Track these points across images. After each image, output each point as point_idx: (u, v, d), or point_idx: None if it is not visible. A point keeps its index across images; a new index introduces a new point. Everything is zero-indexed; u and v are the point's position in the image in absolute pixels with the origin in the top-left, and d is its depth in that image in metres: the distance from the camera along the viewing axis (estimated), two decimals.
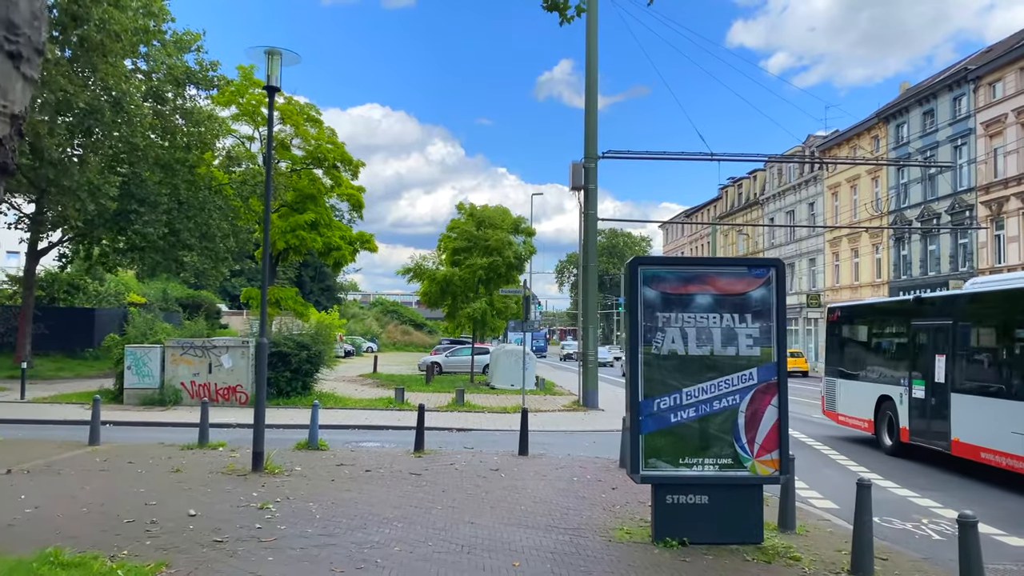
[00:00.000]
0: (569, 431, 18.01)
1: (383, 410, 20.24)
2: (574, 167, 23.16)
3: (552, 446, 15.17)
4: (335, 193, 41.76)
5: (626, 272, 7.36)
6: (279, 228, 37.34)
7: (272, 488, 9.83)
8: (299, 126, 38.24)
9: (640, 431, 7.22)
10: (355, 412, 19.71)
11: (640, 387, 7.22)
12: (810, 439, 17.06)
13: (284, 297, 38.63)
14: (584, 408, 22.50)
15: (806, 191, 53.59)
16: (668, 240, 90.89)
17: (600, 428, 18.59)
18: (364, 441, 15.49)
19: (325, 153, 39.22)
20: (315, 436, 13.50)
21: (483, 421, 18.95)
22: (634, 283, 7.26)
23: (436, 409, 20.77)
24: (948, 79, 39.04)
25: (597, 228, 23.42)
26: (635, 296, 7.27)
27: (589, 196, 23.22)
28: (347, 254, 39.40)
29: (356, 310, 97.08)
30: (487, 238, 30.19)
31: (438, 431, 17.20)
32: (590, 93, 23.21)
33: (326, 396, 21.52)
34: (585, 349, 23.23)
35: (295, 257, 41.42)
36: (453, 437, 16.52)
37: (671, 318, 7.28)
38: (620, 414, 22.02)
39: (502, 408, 21.33)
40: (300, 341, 20.85)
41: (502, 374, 28.88)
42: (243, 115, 38.65)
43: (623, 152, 23.49)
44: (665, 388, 7.25)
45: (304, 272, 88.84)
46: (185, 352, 20.35)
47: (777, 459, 7.28)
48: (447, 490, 9.99)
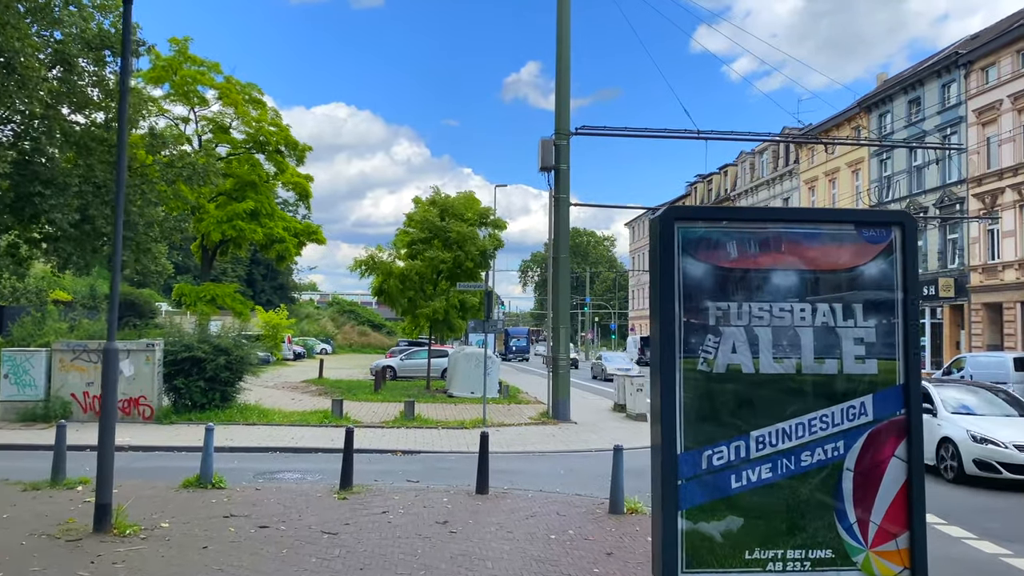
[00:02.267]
0: (539, 452, 14.97)
1: (315, 426, 16.99)
2: (543, 144, 20.16)
3: (519, 476, 12.13)
4: (279, 181, 38.39)
5: (657, 231, 4.30)
6: (215, 218, 33.88)
7: (103, 569, 6.62)
8: (238, 105, 34.73)
9: (679, 505, 4.18)
10: (280, 430, 16.44)
11: (679, 430, 4.18)
12: None
13: (221, 294, 35.09)
14: (554, 421, 19.50)
15: (780, 186, 51.33)
16: (635, 238, 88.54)
17: (575, 448, 15.58)
18: (281, 471, 12.27)
19: (267, 136, 35.81)
20: (208, 470, 10.26)
21: (435, 440, 15.83)
22: (669, 251, 4.22)
23: (380, 425, 17.60)
24: (935, 65, 36.86)
25: (569, 214, 20.45)
26: (670, 273, 4.23)
27: (560, 177, 20.23)
28: (291, 247, 36.03)
29: (311, 310, 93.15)
30: (449, 229, 26.99)
31: (378, 455, 14.04)
32: (561, 59, 20.24)
33: (249, 409, 18.21)
34: (556, 352, 20.24)
35: (236, 251, 37.80)
36: (395, 464, 13.37)
37: (731, 311, 4.26)
38: (595, 427, 19.12)
39: (459, 422, 18.23)
40: (218, 344, 17.51)
41: (461, 380, 25.75)
42: (177, 95, 35.07)
43: (599, 128, 20.55)
44: (721, 431, 4.23)
45: (255, 270, 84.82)
46: (76, 357, 16.88)
47: (907, 548, 4.30)
48: (368, 566, 6.86)
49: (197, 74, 34.64)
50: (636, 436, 17.47)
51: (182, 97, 35.47)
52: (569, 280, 20.91)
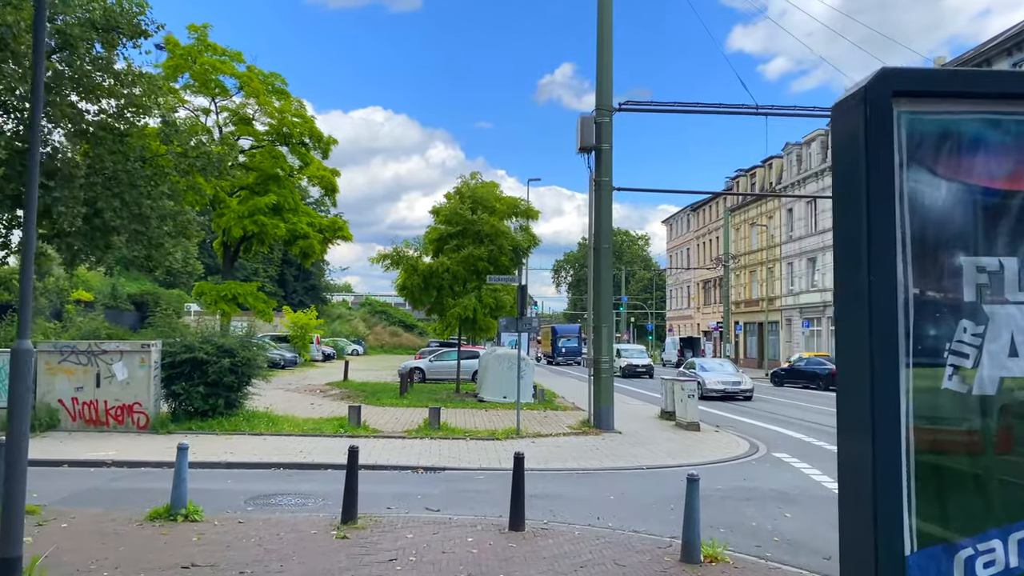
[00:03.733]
0: (581, 470, 12.90)
1: (329, 437, 15.11)
2: (583, 122, 18.10)
3: (560, 502, 10.09)
4: (304, 175, 36.77)
5: (854, 122, 2.21)
6: (236, 213, 32.32)
7: None
8: (260, 95, 33.14)
9: None
10: (289, 441, 14.58)
11: (907, 508, 2.11)
12: None
13: (243, 293, 33.51)
14: (597, 430, 17.42)
15: (830, 177, 48.49)
16: (672, 236, 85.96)
17: (623, 464, 13.48)
18: (279, 495, 10.36)
19: (291, 127, 34.16)
20: (180, 497, 8.38)
21: (462, 453, 13.84)
22: (881, 158, 2.15)
23: (402, 434, 15.67)
24: (1005, 42, 34.05)
25: (612, 200, 18.36)
26: (886, 202, 2.15)
27: (602, 158, 18.15)
28: (316, 243, 34.31)
29: (343, 311, 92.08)
30: (481, 223, 25.00)
31: (395, 473, 12.10)
32: (603, 27, 18.16)
33: (258, 417, 16.40)
34: (597, 353, 18.16)
35: (259, 248, 36.23)
36: (414, 483, 11.39)
37: (1007, 277, 2.17)
38: (642, 438, 17.00)
39: (489, 432, 16.23)
40: (222, 345, 15.71)
41: (492, 384, 23.78)
42: (197, 84, 33.60)
43: (644, 103, 18.42)
44: (991, 511, 2.14)
45: (287, 270, 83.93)
46: (64, 359, 15.19)
47: None
48: None
49: (217, 63, 33.13)
50: (690, 449, 15.34)
51: (202, 87, 34.01)
52: (612, 274, 18.83)
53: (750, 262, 61.40)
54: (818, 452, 15.86)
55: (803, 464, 14.05)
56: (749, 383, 28.45)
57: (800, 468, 13.66)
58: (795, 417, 22.19)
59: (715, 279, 67.01)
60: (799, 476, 12.86)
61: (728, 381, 28.26)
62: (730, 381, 28.26)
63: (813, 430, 19.27)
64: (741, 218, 62.67)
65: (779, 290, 55.79)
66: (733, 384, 28.15)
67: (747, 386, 28.11)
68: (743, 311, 61.45)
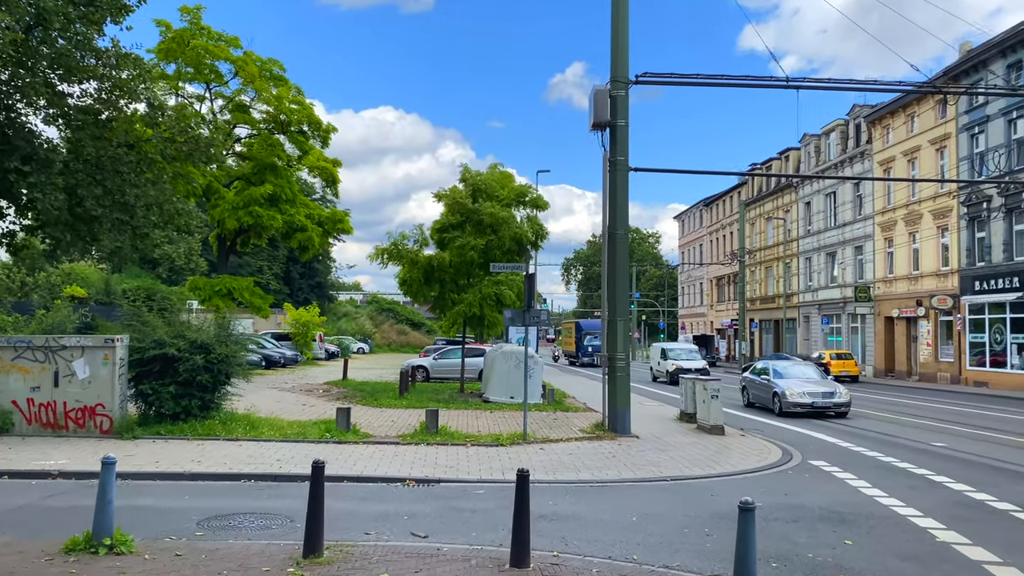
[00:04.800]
0: (597, 483, 11.25)
1: (313, 443, 13.51)
2: (596, 95, 16.44)
3: (572, 525, 8.47)
4: (304, 165, 35.25)
5: None
6: (230, 204, 30.82)
7: None
8: (255, 80, 31.63)
9: None
10: (267, 448, 13.00)
11: None
12: None
13: (238, 288, 32.02)
14: (612, 435, 15.77)
15: (851, 169, 46.70)
16: (684, 232, 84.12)
17: (644, 476, 11.82)
18: (240, 515, 8.76)
19: (288, 114, 32.62)
20: (105, 524, 6.79)
21: (461, 462, 12.22)
22: None
23: (395, 440, 14.07)
24: (1001, 44, 32.21)
25: (628, 182, 16.69)
26: None
27: (617, 136, 16.49)
28: (315, 236, 32.76)
29: (349, 308, 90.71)
30: (481, 212, 23.36)
31: (381, 487, 10.50)
32: None
33: (236, 420, 14.82)
34: (612, 350, 16.50)
35: (256, 241, 34.74)
36: (402, 500, 9.76)
37: None
38: (663, 444, 15.29)
39: (493, 437, 14.61)
40: (195, 340, 14.13)
41: (498, 383, 22.17)
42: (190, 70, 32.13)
43: (665, 75, 16.71)
44: None
45: (292, 268, 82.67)
46: (19, 356, 13.66)
47: None
48: None
49: (211, 47, 31.61)
50: (717, 457, 13.69)
51: (196, 74, 32.52)
52: (628, 263, 17.18)
53: (766, 257, 59.56)
54: (858, 459, 14.20)
55: (846, 474, 12.39)
56: (845, 395, 21.10)
57: (844, 479, 12.00)
58: (819, 420, 20.49)
59: (729, 275, 65.19)
60: (845, 489, 11.20)
61: (817, 392, 20.85)
62: (820, 392, 20.86)
63: (846, 433, 17.57)
64: (756, 212, 60.83)
65: (797, 286, 53.94)
66: (824, 396, 20.73)
67: (843, 399, 20.78)
68: (759, 308, 59.62)
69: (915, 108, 40.26)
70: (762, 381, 22.93)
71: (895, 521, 9.20)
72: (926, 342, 38.92)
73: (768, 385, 22.29)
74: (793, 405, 20.69)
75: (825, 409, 20.70)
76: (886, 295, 42.59)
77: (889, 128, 42.76)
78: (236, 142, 34.09)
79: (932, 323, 38.22)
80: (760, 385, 23.10)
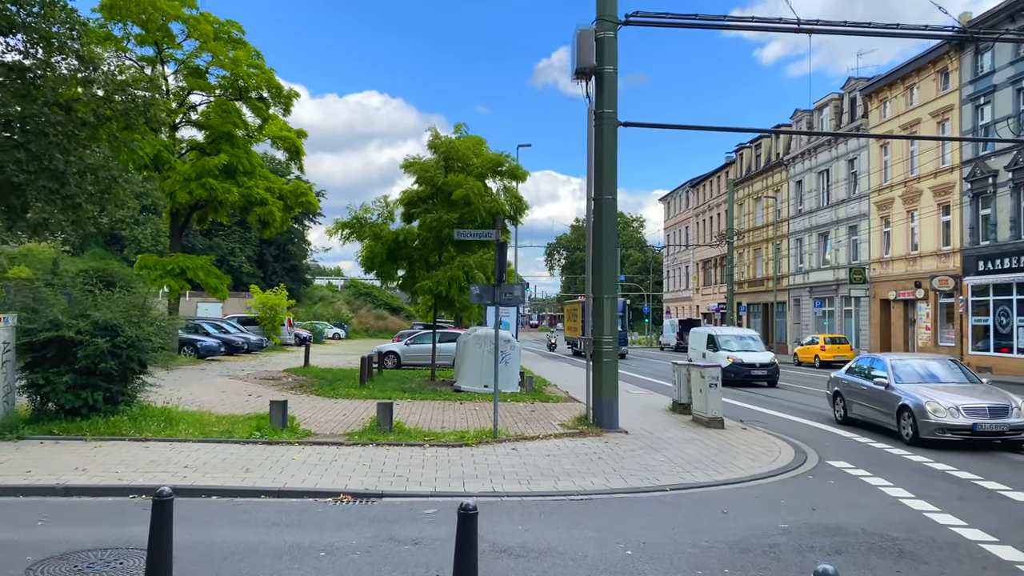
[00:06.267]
0: (581, 495, 9.05)
1: (238, 443, 11.21)
2: (581, 37, 14.14)
3: (547, 562, 6.26)
4: (266, 136, 32.71)
5: None
6: (182, 175, 28.30)
7: None
8: (208, 41, 29.00)
9: None
10: (179, 450, 10.68)
11: None
12: None
13: (192, 266, 29.55)
14: (597, 430, 13.60)
15: (845, 145, 44.69)
16: (669, 215, 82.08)
17: (637, 485, 9.63)
18: (90, 552, 6.44)
19: (246, 79, 30.03)
20: None
21: (413, 468, 9.99)
22: None
23: (340, 439, 11.80)
24: None
25: (616, 139, 14.44)
26: None
27: (605, 84, 14.22)
28: (275, 210, 30.29)
29: (326, 293, 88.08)
30: (451, 185, 20.98)
31: (307, 503, 8.26)
32: None
33: (152, 415, 12.47)
34: (598, 332, 14.30)
35: (214, 216, 32.22)
36: (326, 526, 7.50)
37: None
38: (655, 440, 12.99)
39: (458, 435, 12.38)
40: (99, 321, 11.77)
41: (471, 370, 19.94)
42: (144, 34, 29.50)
43: (658, 15, 14.40)
44: None
45: (266, 250, 79.85)
46: None
47: None
48: None
49: (162, 3, 28.94)
50: (721, 457, 11.55)
51: (146, 35, 29.84)
52: (616, 232, 14.95)
53: (754, 239, 57.58)
54: (882, 458, 12.17)
55: (878, 479, 10.30)
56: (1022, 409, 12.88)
57: (877, 486, 9.90)
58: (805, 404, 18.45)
59: (716, 258, 63.23)
60: (884, 501, 9.09)
61: (980, 408, 12.79)
62: (984, 408, 12.75)
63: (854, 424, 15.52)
64: (744, 192, 58.80)
65: (787, 268, 52.02)
66: (993, 414, 12.72)
67: (1021, 419, 12.67)
68: (747, 291, 57.71)
69: (914, 79, 38.21)
70: (874, 387, 14.83)
71: (966, 550, 7.08)
72: (925, 325, 37.07)
73: (887, 394, 14.23)
74: (940, 429, 12.68)
75: (993, 436, 12.81)
76: (882, 276, 40.68)
77: (887, 101, 40.71)
78: (191, 109, 31.51)
79: (931, 306, 36.36)
80: (870, 393, 14.96)
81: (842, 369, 17.25)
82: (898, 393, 13.94)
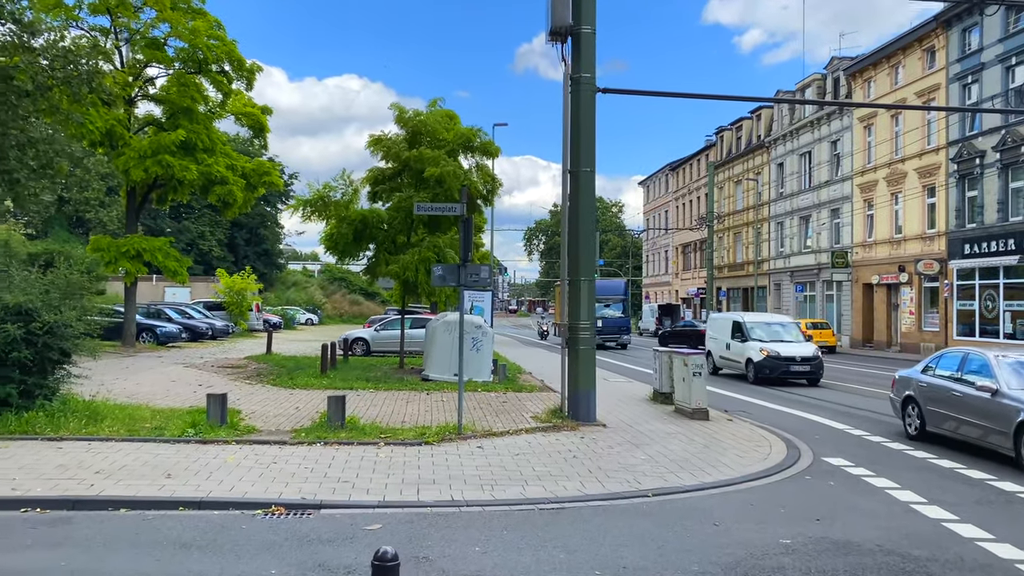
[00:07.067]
0: (552, 504, 7.89)
1: (168, 442, 9.93)
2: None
3: None
4: (228, 112, 31.05)
5: None
6: (136, 151, 26.69)
7: None
8: (164, 9, 27.32)
9: None
10: (97, 452, 9.37)
11: None
12: None
13: (150, 248, 28.02)
14: (573, 423, 12.46)
15: (828, 127, 43.77)
16: (649, 199, 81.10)
17: (617, 490, 8.49)
18: None
19: (205, 51, 28.38)
20: None
21: (362, 471, 8.77)
22: None
23: (286, 437, 10.56)
24: None
25: (595, 107, 13.22)
26: None
27: (582, 46, 12.98)
28: (236, 190, 28.73)
29: (299, 278, 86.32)
30: (422, 162, 19.66)
31: (236, 514, 7.03)
32: None
33: (76, 410, 11.12)
34: (574, 317, 13.13)
35: (174, 196, 30.61)
36: (243, 550, 6.24)
37: None
38: (636, 434, 11.73)
39: (419, 431, 11.19)
40: (10, 304, 10.41)
41: (440, 358, 18.70)
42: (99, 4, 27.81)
43: None
44: None
45: (237, 234, 77.79)
46: None
47: None
48: None
49: None
50: (708, 454, 10.46)
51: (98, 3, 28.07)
52: (595, 209, 13.78)
53: (735, 223, 56.68)
54: (883, 454, 11.17)
55: (883, 481, 9.25)
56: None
57: (884, 489, 8.86)
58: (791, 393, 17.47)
59: (695, 242, 62.32)
60: (895, 508, 8.03)
61: None
62: None
63: (842, 414, 14.53)
64: (725, 175, 57.82)
65: (767, 252, 51.18)
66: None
67: None
68: (727, 276, 56.87)
69: (900, 58, 37.26)
70: (972, 394, 10.81)
71: (1003, 573, 6.01)
72: (908, 310, 36.33)
73: (995, 405, 10.30)
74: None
75: None
76: (865, 260, 39.90)
77: (871, 80, 39.79)
78: (148, 83, 29.83)
79: (915, 290, 35.59)
80: (965, 402, 10.96)
81: (916, 367, 13.20)
82: (1015, 404, 9.93)
